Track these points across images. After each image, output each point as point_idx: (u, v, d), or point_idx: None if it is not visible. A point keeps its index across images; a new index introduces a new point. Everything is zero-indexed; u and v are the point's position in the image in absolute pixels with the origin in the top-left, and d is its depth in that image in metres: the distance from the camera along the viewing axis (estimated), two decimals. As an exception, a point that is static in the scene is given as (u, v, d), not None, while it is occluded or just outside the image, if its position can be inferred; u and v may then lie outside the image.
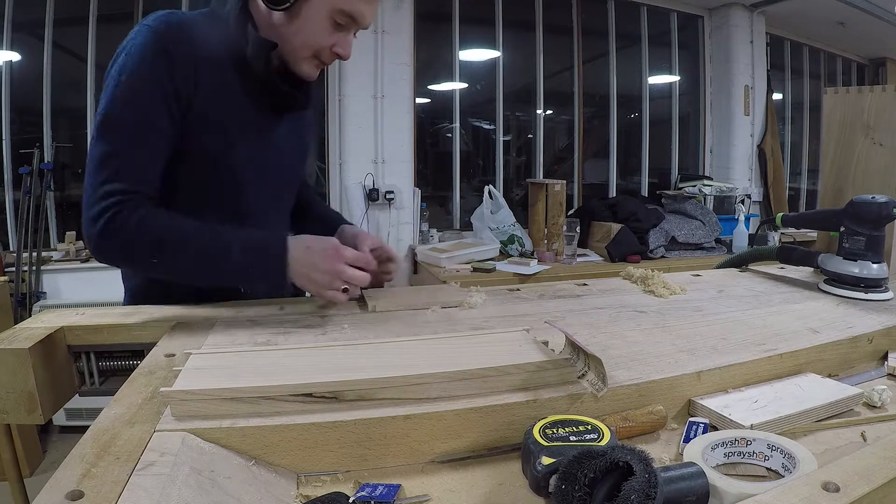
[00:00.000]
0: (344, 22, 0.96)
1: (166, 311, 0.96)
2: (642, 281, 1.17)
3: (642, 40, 4.19)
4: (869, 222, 1.06)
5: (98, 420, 0.57)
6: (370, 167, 3.36)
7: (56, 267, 2.92)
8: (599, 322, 0.92)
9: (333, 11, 0.95)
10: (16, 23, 2.98)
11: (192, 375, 0.60)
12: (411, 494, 0.54)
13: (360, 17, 0.97)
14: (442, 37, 3.70)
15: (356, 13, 0.96)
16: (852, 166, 1.70)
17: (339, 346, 0.73)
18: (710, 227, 3.15)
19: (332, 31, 0.97)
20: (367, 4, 0.97)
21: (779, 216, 1.30)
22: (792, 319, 0.92)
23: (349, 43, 1.00)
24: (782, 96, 4.79)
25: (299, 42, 0.97)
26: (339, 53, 0.99)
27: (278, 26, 0.97)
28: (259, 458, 0.56)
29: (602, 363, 0.63)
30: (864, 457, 0.49)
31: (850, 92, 1.73)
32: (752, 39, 4.19)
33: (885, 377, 0.81)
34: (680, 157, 4.39)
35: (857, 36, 4.65)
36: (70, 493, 0.44)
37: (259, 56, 0.97)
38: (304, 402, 0.59)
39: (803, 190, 5.08)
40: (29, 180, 2.88)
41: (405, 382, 0.61)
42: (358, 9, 0.96)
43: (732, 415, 0.64)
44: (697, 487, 0.49)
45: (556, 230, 3.04)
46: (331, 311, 0.99)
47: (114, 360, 0.92)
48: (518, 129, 4.13)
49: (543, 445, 0.54)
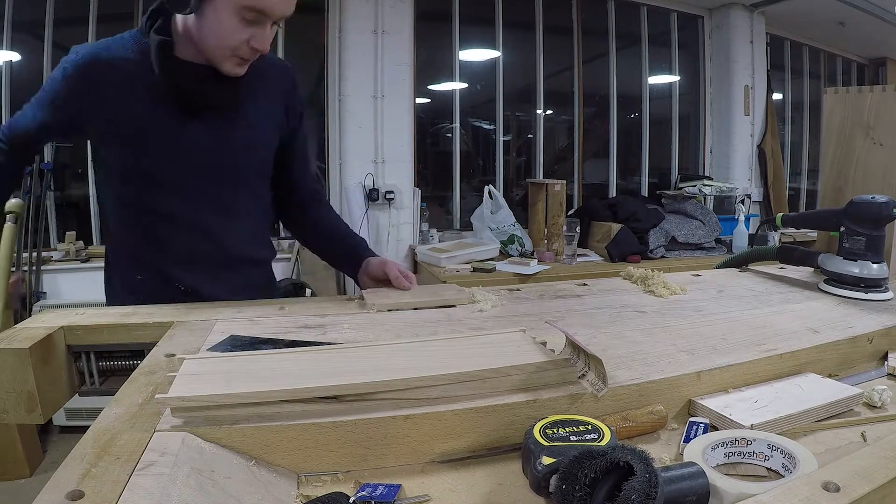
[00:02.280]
0: (252, 17, 0.96)
1: (166, 311, 0.96)
2: (642, 281, 1.17)
3: (642, 40, 4.19)
4: (869, 222, 1.06)
5: (98, 420, 0.57)
6: (370, 167, 3.36)
7: (56, 267, 2.92)
8: (599, 322, 0.92)
9: (239, 8, 0.95)
10: (16, 23, 2.97)
11: (187, 381, 0.60)
12: (411, 494, 0.54)
13: (270, 10, 0.96)
14: (442, 37, 3.70)
15: (264, 7, 0.96)
16: (852, 166, 1.70)
17: (336, 349, 0.73)
18: (710, 227, 3.15)
19: (244, 27, 0.97)
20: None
21: (779, 216, 1.30)
22: (792, 319, 0.92)
23: (265, 36, 1.00)
24: (782, 96, 4.78)
25: (213, 42, 0.99)
26: (255, 48, 1.00)
27: (193, 31, 1.00)
28: (259, 458, 0.56)
29: (602, 363, 0.63)
30: (865, 457, 0.49)
31: (850, 92, 1.73)
32: (752, 39, 4.19)
33: (885, 377, 0.81)
34: (680, 157, 4.39)
35: (857, 36, 4.65)
36: (70, 493, 0.44)
37: (157, 56, 1.00)
38: (305, 403, 0.59)
39: (803, 190, 5.08)
40: (29, 180, 2.87)
41: (405, 385, 0.61)
42: (264, 3, 0.95)
43: (733, 415, 0.64)
44: (698, 487, 0.49)
45: (556, 230, 3.04)
46: (331, 312, 0.99)
47: (114, 360, 0.92)
48: (518, 129, 4.13)
49: (544, 445, 0.54)
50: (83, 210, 3.18)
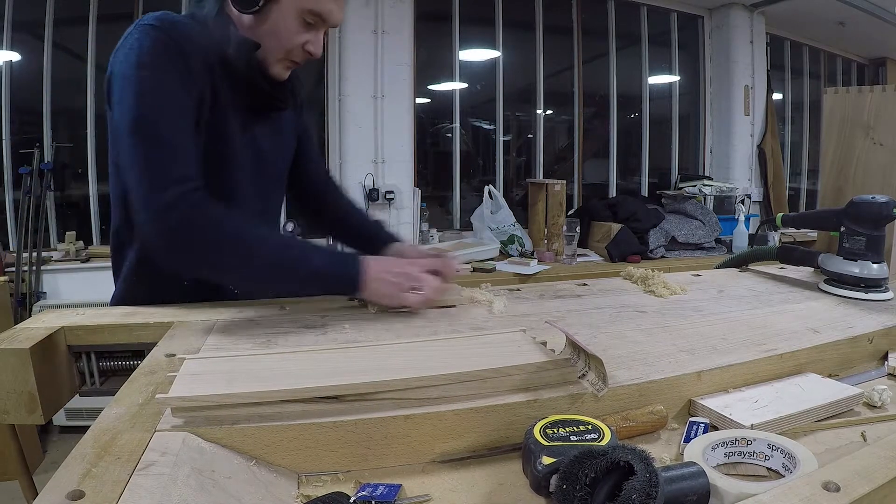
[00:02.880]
0: (313, 21, 0.98)
1: (166, 311, 0.96)
2: (642, 281, 1.17)
3: (642, 40, 4.19)
4: (869, 222, 1.06)
5: (99, 420, 0.57)
6: (370, 167, 3.36)
7: (56, 267, 2.92)
8: (600, 322, 0.92)
9: (303, 11, 0.96)
10: (16, 23, 2.97)
11: (187, 381, 0.60)
12: (412, 494, 0.54)
13: (329, 16, 0.98)
14: (442, 37, 3.70)
15: (325, 12, 0.97)
16: (852, 166, 1.70)
17: (336, 349, 0.73)
18: (710, 227, 3.15)
19: (303, 31, 0.98)
20: (335, 3, 0.98)
21: (779, 216, 1.30)
22: (792, 319, 0.92)
23: (320, 42, 1.01)
24: (782, 96, 4.78)
25: (271, 43, 0.98)
26: (310, 52, 1.00)
27: (249, 29, 0.98)
28: (260, 457, 0.56)
29: (602, 363, 0.63)
30: (865, 457, 0.49)
31: (850, 92, 1.73)
32: (752, 39, 4.19)
33: (886, 377, 0.81)
34: (680, 157, 4.39)
35: (857, 36, 4.65)
36: (71, 493, 0.44)
37: (242, 56, 0.98)
38: (305, 403, 0.59)
39: (803, 190, 5.08)
40: (29, 180, 2.88)
41: (406, 385, 0.61)
42: (326, 7, 0.97)
43: (733, 415, 0.64)
44: (698, 487, 0.49)
45: (556, 230, 3.04)
46: (331, 312, 0.99)
47: (114, 360, 0.92)
48: (518, 129, 4.13)
49: (544, 445, 0.54)
50: (83, 210, 3.18)
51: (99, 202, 3.19)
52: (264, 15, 0.96)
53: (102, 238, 3.20)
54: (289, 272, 0.92)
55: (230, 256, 0.88)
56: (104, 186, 3.18)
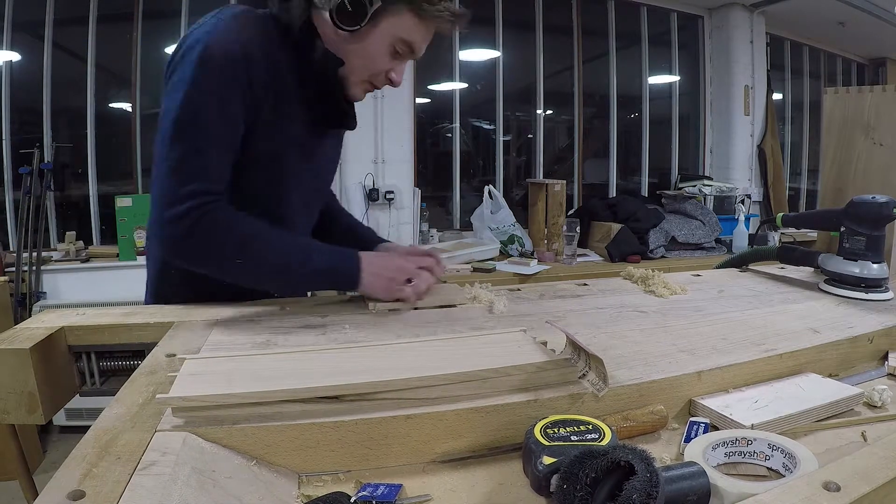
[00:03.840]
0: (402, 51, 0.99)
1: (167, 311, 0.96)
2: (643, 281, 1.17)
3: (642, 40, 4.19)
4: (869, 222, 1.06)
5: (99, 420, 0.57)
6: (370, 167, 3.36)
7: (56, 267, 2.92)
8: (600, 322, 0.92)
9: (395, 40, 0.97)
10: (16, 23, 2.97)
11: (188, 381, 0.60)
12: (412, 494, 0.54)
13: (417, 49, 1.00)
14: (442, 37, 3.69)
15: (415, 43, 0.98)
16: (852, 166, 1.70)
17: (336, 349, 0.73)
18: (710, 227, 3.15)
19: (391, 59, 0.99)
20: (425, 35, 0.99)
21: (779, 216, 1.30)
22: (792, 319, 0.92)
23: (402, 71, 1.03)
24: (782, 96, 4.79)
25: (358, 63, 0.98)
26: (392, 80, 1.02)
27: (339, 44, 0.97)
28: (260, 457, 0.56)
29: (603, 363, 0.63)
30: (865, 456, 0.49)
31: (850, 92, 1.73)
32: (752, 39, 4.19)
33: (886, 377, 0.81)
34: (680, 157, 4.39)
35: (857, 36, 4.65)
36: (71, 493, 0.44)
37: (326, 71, 0.97)
38: (306, 403, 0.59)
39: (803, 190, 5.08)
40: (29, 180, 2.87)
41: (406, 385, 0.61)
42: (419, 40, 0.98)
43: (733, 414, 0.64)
44: (698, 487, 0.49)
45: (556, 230, 3.04)
46: (331, 312, 0.99)
47: (114, 361, 0.92)
48: (518, 129, 4.13)
49: (544, 445, 0.54)
50: (83, 210, 3.18)
51: (99, 202, 3.19)
52: (359, 35, 0.95)
53: (102, 238, 3.20)
54: (292, 274, 0.95)
55: (239, 258, 0.91)
56: (104, 186, 3.19)
